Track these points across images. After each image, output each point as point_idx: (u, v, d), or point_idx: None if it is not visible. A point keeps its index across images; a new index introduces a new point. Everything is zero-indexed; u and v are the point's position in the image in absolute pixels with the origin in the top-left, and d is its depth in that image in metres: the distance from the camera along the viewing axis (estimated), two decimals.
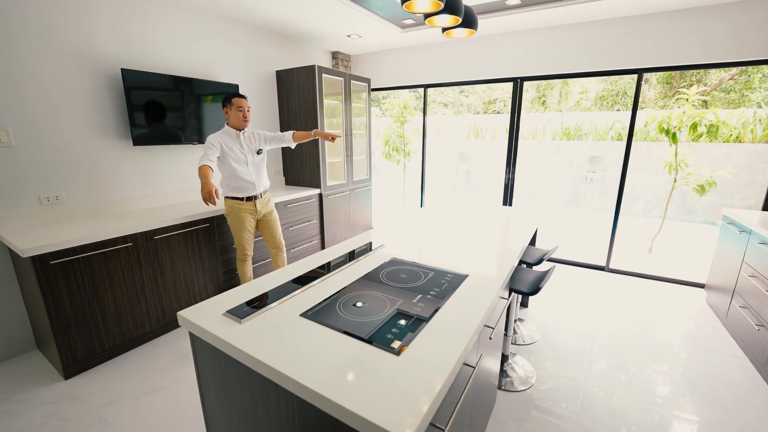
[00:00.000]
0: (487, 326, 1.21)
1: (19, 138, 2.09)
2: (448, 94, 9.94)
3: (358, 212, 4.37)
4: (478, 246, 1.78)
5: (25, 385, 1.95)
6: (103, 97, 2.40)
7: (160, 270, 2.36)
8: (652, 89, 8.02)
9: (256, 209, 2.54)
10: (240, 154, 2.43)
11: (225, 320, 1.08)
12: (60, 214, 2.28)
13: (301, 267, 1.50)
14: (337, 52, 4.37)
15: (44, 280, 1.85)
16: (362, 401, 0.74)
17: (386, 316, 1.09)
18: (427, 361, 0.87)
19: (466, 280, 1.35)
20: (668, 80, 7.73)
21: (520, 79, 3.59)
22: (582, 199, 7.13)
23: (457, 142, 8.82)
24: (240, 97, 2.39)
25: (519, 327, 2.53)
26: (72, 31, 2.23)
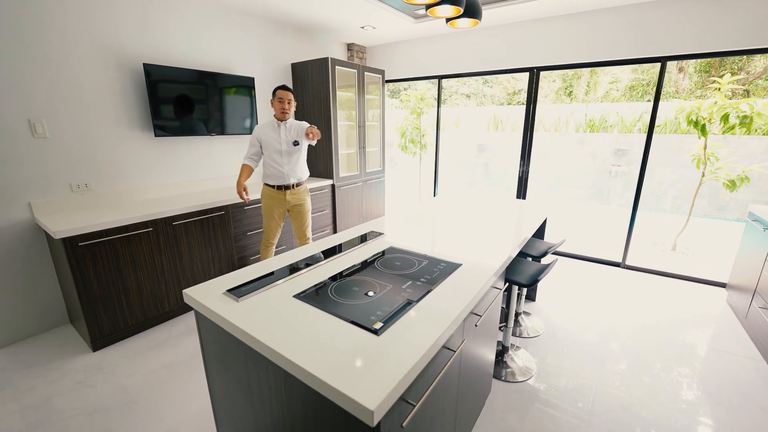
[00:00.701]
0: (474, 314, 1.24)
1: (53, 130, 2.27)
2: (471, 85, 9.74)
3: (371, 203, 4.42)
4: (477, 237, 1.79)
5: (59, 355, 2.15)
6: (127, 91, 2.55)
7: (178, 254, 2.51)
8: (687, 78, 7.57)
9: (285, 199, 2.61)
10: (276, 143, 2.52)
11: (224, 298, 1.16)
12: (89, 201, 2.46)
13: (302, 252, 1.57)
14: (352, 44, 4.40)
15: (74, 260, 2.01)
16: (336, 373, 0.80)
17: (373, 300, 1.14)
18: (404, 342, 0.91)
19: (458, 269, 1.37)
20: (706, 69, 7.27)
21: (536, 69, 3.50)
22: (605, 194, 6.88)
23: (477, 134, 8.68)
24: (283, 89, 2.47)
25: (523, 320, 2.52)
26: (99, 28, 2.37)
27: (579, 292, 3.00)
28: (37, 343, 2.26)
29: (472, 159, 8.60)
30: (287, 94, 2.48)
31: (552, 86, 8.49)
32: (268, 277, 1.30)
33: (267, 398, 1.03)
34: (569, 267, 3.55)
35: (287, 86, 2.50)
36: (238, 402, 1.18)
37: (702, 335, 2.38)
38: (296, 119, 3.93)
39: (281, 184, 2.58)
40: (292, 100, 2.52)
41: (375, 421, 0.71)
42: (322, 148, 3.75)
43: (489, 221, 2.11)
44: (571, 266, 3.57)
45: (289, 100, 2.49)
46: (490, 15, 3.26)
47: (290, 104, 2.51)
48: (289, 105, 2.49)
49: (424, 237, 1.80)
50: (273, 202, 2.60)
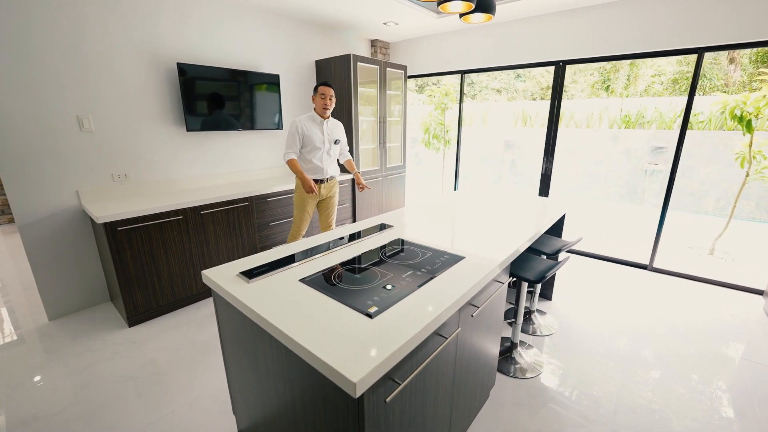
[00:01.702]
0: (472, 305, 1.27)
1: (98, 125, 2.49)
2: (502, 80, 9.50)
3: (391, 198, 4.47)
4: (486, 231, 1.80)
5: (101, 328, 2.38)
6: (162, 88, 2.75)
7: (205, 241, 2.69)
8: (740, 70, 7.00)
9: (320, 192, 2.71)
10: (318, 140, 2.58)
11: (237, 280, 1.26)
12: (128, 189, 2.69)
13: (315, 240, 1.65)
14: (375, 40, 4.44)
15: (113, 243, 2.22)
16: (328, 349, 0.87)
17: (372, 286, 1.20)
18: (395, 326, 0.97)
19: (460, 262, 1.40)
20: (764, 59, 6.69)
21: (562, 62, 3.39)
22: (639, 194, 6.52)
23: (504, 130, 8.49)
24: (326, 85, 2.51)
25: (536, 318, 2.49)
26: (138, 30, 2.57)
27: (599, 293, 2.91)
28: (82, 317, 2.52)
29: (498, 155, 8.42)
30: (329, 90, 2.51)
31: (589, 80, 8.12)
32: (279, 262, 1.40)
33: (273, 373, 1.12)
34: (591, 267, 3.44)
35: (329, 82, 2.53)
36: (248, 376, 1.29)
37: (735, 345, 2.26)
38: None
39: (318, 178, 2.66)
40: (333, 96, 2.56)
41: (358, 393, 0.77)
42: None
43: (502, 216, 2.10)
44: (594, 267, 3.45)
45: (331, 96, 2.53)
46: (515, 8, 3.20)
47: (332, 101, 2.53)
48: (330, 101, 2.52)
49: (433, 230, 1.83)
50: (308, 195, 2.66)
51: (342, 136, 2.77)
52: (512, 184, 8.21)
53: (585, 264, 3.53)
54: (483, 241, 1.66)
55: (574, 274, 3.27)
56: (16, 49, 2.12)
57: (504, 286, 1.51)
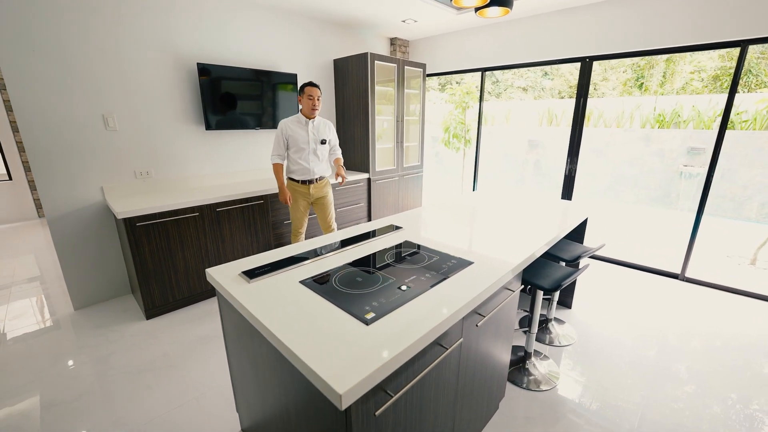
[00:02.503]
0: (477, 313, 1.20)
1: (122, 123, 2.58)
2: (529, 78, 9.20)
3: (408, 198, 4.42)
4: (499, 235, 1.72)
5: (120, 319, 2.47)
6: (183, 88, 2.82)
7: (221, 238, 2.73)
8: None
9: (309, 192, 2.71)
10: (303, 141, 2.57)
11: (239, 279, 1.26)
12: (149, 186, 2.78)
13: (321, 241, 1.63)
14: (395, 38, 4.39)
15: (132, 238, 2.30)
16: (318, 356, 0.84)
17: (373, 291, 1.16)
18: (391, 335, 0.92)
19: (468, 267, 1.34)
20: None
21: (588, 58, 3.22)
22: (673, 198, 6.13)
23: (528, 129, 8.24)
24: (312, 86, 2.48)
25: (554, 327, 2.37)
26: (161, 32, 2.64)
27: (624, 302, 2.74)
28: (105, 307, 2.63)
29: (521, 155, 8.17)
30: (317, 91, 2.49)
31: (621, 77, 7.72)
32: (282, 263, 1.38)
33: (269, 376, 1.10)
34: (617, 275, 3.25)
35: (315, 83, 2.51)
36: (248, 376, 1.28)
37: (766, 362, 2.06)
38: (337, 113, 4.04)
39: (305, 179, 2.66)
40: (320, 96, 2.53)
41: (344, 405, 0.73)
42: (359, 142, 3.82)
43: (518, 220, 2.01)
44: (620, 274, 3.27)
45: (319, 97, 2.50)
46: (538, 1, 3.06)
47: (319, 101, 2.51)
48: (318, 102, 2.50)
49: (445, 232, 1.77)
50: (298, 195, 2.70)
51: (330, 135, 2.72)
52: (536, 185, 7.94)
53: (610, 271, 3.35)
54: (495, 245, 1.59)
55: (598, 282, 3.10)
56: (49, 53, 2.22)
57: (515, 294, 1.43)
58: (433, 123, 8.34)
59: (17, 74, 2.15)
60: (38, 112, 2.25)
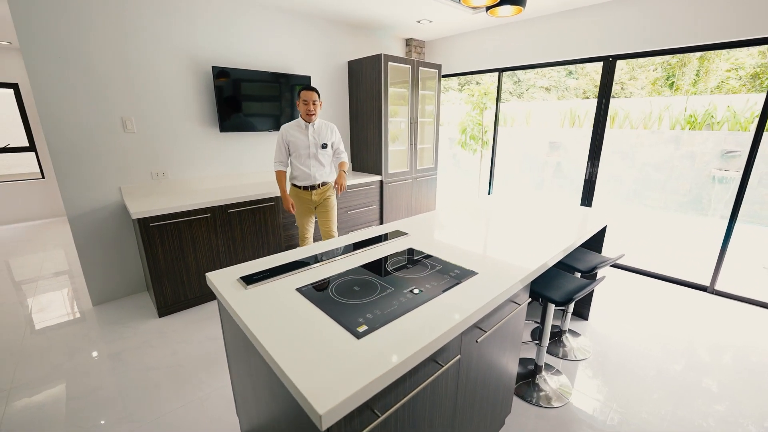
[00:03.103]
0: (479, 328, 1.15)
1: (139, 126, 2.66)
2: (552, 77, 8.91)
3: (421, 200, 4.36)
4: (508, 243, 1.65)
5: (134, 316, 2.54)
6: (199, 91, 2.87)
7: (232, 239, 2.77)
8: None
9: (311, 198, 2.64)
10: (303, 146, 2.51)
11: (236, 284, 1.25)
12: (164, 187, 2.85)
13: (323, 246, 1.61)
14: (410, 38, 4.35)
15: (146, 238, 2.35)
16: (303, 370, 0.81)
17: (368, 301, 1.12)
18: (383, 350, 0.89)
19: (472, 278, 1.28)
20: None
21: (611, 57, 3.07)
22: (705, 204, 5.78)
23: (550, 130, 8.01)
24: (308, 89, 2.39)
25: (568, 339, 2.27)
26: (178, 37, 2.70)
27: (646, 314, 2.59)
28: (121, 304, 2.71)
29: (542, 158, 7.95)
30: (311, 95, 2.40)
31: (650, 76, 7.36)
32: (281, 268, 1.37)
33: (261, 384, 1.08)
34: (640, 286, 3.09)
35: (311, 86, 2.44)
36: (245, 381, 1.27)
37: None
38: (350, 115, 4.03)
39: (307, 184, 2.60)
40: (317, 100, 2.44)
41: (324, 426, 0.70)
42: (372, 144, 3.80)
43: (531, 226, 1.93)
44: (643, 285, 3.10)
45: (314, 101, 2.41)
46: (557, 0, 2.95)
47: (315, 105, 2.42)
48: (314, 106, 2.42)
49: (451, 239, 1.72)
50: (300, 201, 2.65)
51: (332, 138, 2.63)
52: (557, 188, 7.69)
53: (632, 281, 3.18)
54: (503, 253, 1.52)
55: (619, 293, 2.95)
56: (71, 58, 2.31)
57: (522, 308, 1.36)
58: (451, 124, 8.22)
59: (42, 80, 2.25)
60: (61, 115, 2.34)
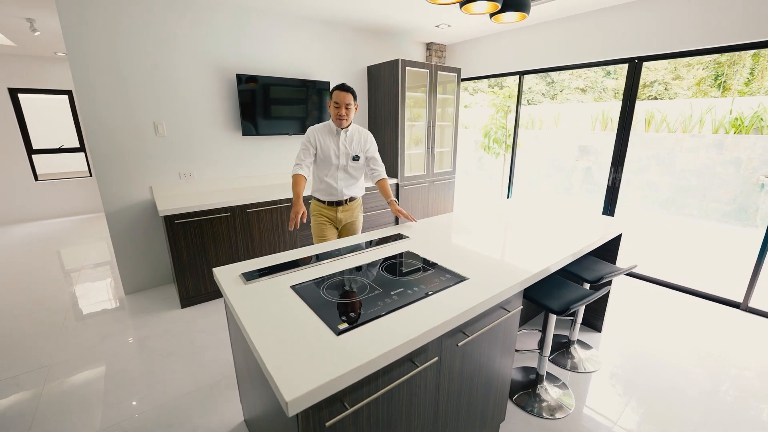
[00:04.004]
0: (462, 332, 1.17)
1: (169, 130, 2.87)
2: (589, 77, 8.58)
3: (438, 204, 4.36)
4: (510, 248, 1.64)
5: (160, 306, 2.74)
6: (223, 97, 3.06)
7: (250, 237, 2.92)
8: None
9: (336, 216, 2.22)
10: (333, 155, 2.10)
11: (237, 280, 1.34)
12: (191, 187, 3.05)
13: (323, 248, 1.68)
14: (431, 43, 4.37)
15: (171, 234, 2.54)
16: (279, 361, 0.87)
17: (354, 301, 1.17)
18: (359, 347, 0.93)
19: (462, 283, 1.30)
20: None
21: (637, 59, 2.94)
22: (751, 214, 5.34)
23: (580, 133, 7.72)
24: (342, 90, 1.97)
25: (576, 350, 2.20)
26: (205, 46, 2.89)
27: (666, 330, 2.46)
28: (149, 294, 2.93)
29: (571, 162, 7.67)
30: (345, 97, 1.97)
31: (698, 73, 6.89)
32: (281, 266, 1.45)
33: (253, 372, 1.16)
34: (662, 299, 2.93)
35: (347, 86, 2.00)
36: (243, 371, 1.36)
37: None
38: (369, 119, 4.10)
39: (333, 200, 2.20)
40: (351, 104, 2.00)
41: (290, 412, 0.76)
42: (389, 147, 3.85)
43: (540, 232, 1.90)
44: (666, 298, 2.93)
45: (348, 104, 1.99)
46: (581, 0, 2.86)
47: (349, 110, 2.00)
48: (347, 111, 2.00)
49: (451, 244, 1.73)
50: (323, 219, 2.23)
51: (368, 150, 2.21)
52: (585, 194, 7.40)
53: (655, 294, 3.02)
54: (502, 259, 1.52)
55: (639, 305, 2.81)
56: (110, 68, 2.55)
57: (513, 315, 1.36)
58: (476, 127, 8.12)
59: (85, 88, 2.49)
60: (101, 119, 2.58)
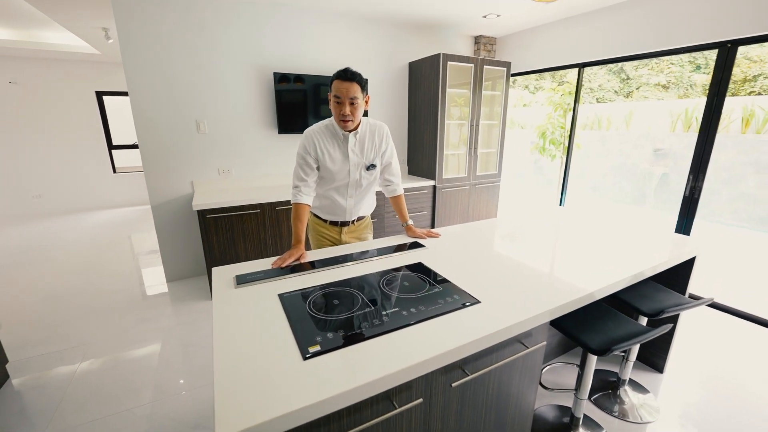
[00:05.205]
0: (461, 369, 0.97)
1: (210, 128, 2.99)
2: (673, 72, 7.49)
3: (480, 209, 4.06)
4: (546, 267, 1.39)
5: (192, 296, 2.86)
6: (261, 95, 3.11)
7: (279, 235, 2.93)
8: None
9: (340, 239, 1.80)
10: (341, 168, 1.61)
11: (230, 282, 1.28)
12: (228, 183, 3.15)
13: (329, 252, 1.57)
14: (479, 36, 4.07)
15: (203, 227, 2.63)
16: (231, 382, 0.77)
17: (340, 318, 1.04)
18: (324, 377, 0.80)
19: (471, 307, 1.10)
20: None
21: (729, 43, 2.40)
22: None
23: (657, 135, 6.80)
24: (343, 78, 1.44)
25: (628, 394, 1.83)
26: (248, 46, 2.96)
27: (751, 376, 1.96)
28: (186, 284, 3.08)
29: (644, 167, 6.77)
30: (350, 89, 1.43)
31: None
32: (277, 270, 1.37)
33: None
34: (747, 336, 2.36)
35: (351, 72, 1.44)
36: None
37: None
38: (409, 118, 3.93)
39: (337, 220, 1.77)
40: (359, 97, 1.46)
41: None
42: (428, 147, 3.66)
43: (587, 250, 1.60)
44: (753, 336, 2.36)
45: (353, 98, 1.45)
46: None
47: (355, 107, 1.47)
48: (353, 109, 1.47)
49: (471, 258, 1.52)
50: (324, 241, 1.81)
51: (384, 154, 1.69)
52: (660, 204, 6.47)
53: (740, 330, 2.46)
54: (530, 281, 1.28)
55: (716, 342, 2.30)
56: (155, 66, 2.70)
57: (533, 351, 1.12)
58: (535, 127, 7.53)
59: (137, 88, 2.67)
60: (149, 118, 2.76)
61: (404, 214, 1.82)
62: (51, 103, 5.22)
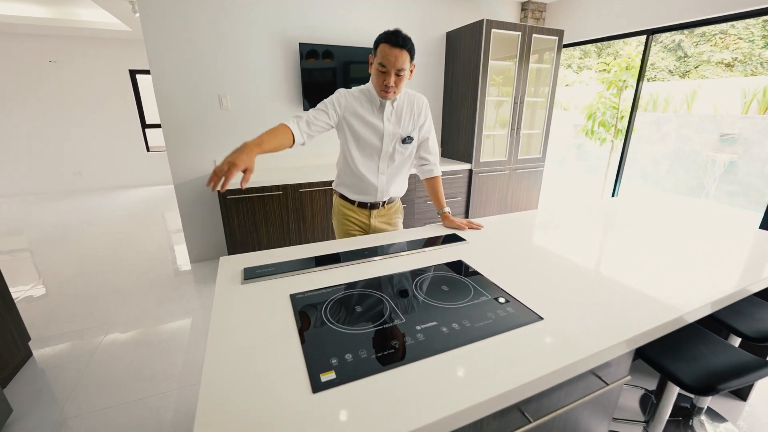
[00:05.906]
0: (520, 411, 0.73)
1: (233, 103, 2.82)
2: (739, 48, 6.50)
3: (520, 196, 3.71)
4: (611, 275, 1.11)
5: (212, 279, 2.78)
6: (286, 68, 2.89)
7: (302, 218, 2.77)
8: None
9: (369, 223, 1.60)
10: (375, 136, 1.45)
11: (236, 276, 1.11)
12: None
13: (354, 243, 1.36)
14: (527, 2, 3.61)
15: (224, 209, 2.50)
16: (215, 414, 0.58)
17: (359, 333, 0.82)
18: (334, 421, 0.59)
19: (529, 325, 0.85)
20: None
21: None
22: None
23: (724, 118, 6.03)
24: (392, 44, 1.25)
25: (704, 424, 1.53)
26: (271, 17, 2.74)
27: None
28: (208, 265, 3.01)
29: (706, 153, 6.04)
30: (399, 57, 1.25)
31: None
32: (292, 264, 1.18)
33: None
34: None
35: (402, 36, 1.26)
36: None
37: None
38: (444, 95, 3.60)
39: (366, 201, 1.57)
40: (406, 69, 1.29)
41: None
42: (463, 128, 3.33)
43: (663, 252, 1.29)
44: None
45: (400, 70, 1.28)
46: None
47: (401, 78, 1.31)
48: (398, 80, 1.31)
49: (522, 257, 1.26)
50: (349, 224, 1.61)
51: (423, 127, 1.52)
52: (723, 196, 5.77)
53: None
54: (600, 291, 1.01)
55: None
56: (178, 38, 2.54)
57: (612, 389, 0.86)
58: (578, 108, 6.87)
59: (159, 65, 2.53)
60: (170, 93, 2.62)
61: (441, 200, 1.60)
62: (88, 82, 5.31)
